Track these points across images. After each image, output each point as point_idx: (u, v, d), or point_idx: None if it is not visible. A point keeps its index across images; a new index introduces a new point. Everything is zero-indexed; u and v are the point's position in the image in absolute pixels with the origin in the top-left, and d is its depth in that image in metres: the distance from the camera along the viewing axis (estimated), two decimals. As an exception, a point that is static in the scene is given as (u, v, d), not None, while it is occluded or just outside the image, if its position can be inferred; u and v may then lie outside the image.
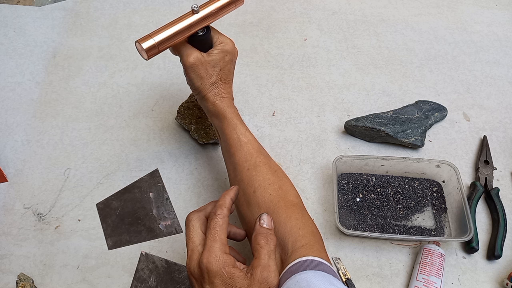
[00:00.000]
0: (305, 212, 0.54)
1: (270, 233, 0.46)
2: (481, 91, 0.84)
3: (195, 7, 0.55)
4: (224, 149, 0.60)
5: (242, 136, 0.57)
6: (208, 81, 0.58)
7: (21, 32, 0.90)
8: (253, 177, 0.54)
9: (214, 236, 0.44)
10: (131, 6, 0.95)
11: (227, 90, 0.61)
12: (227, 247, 0.44)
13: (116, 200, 0.69)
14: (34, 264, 0.63)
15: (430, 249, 0.61)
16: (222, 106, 0.59)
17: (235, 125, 0.58)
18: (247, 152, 0.56)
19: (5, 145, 0.74)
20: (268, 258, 0.43)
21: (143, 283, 0.61)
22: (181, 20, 0.56)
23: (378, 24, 0.94)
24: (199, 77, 0.58)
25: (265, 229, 0.46)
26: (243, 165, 0.56)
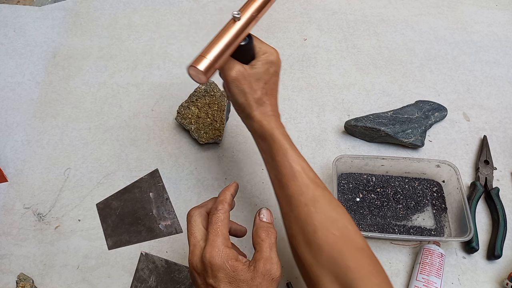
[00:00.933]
0: (374, 256, 0.47)
1: (271, 226, 0.46)
2: (481, 91, 0.84)
3: (236, 14, 0.50)
4: (273, 177, 0.53)
5: (295, 164, 0.51)
6: (252, 97, 0.52)
7: (21, 32, 0.90)
8: (313, 214, 0.47)
9: (216, 231, 0.44)
10: (131, 6, 0.95)
11: (273, 107, 0.55)
12: (229, 242, 0.44)
13: (116, 200, 0.69)
14: (34, 264, 0.63)
15: (430, 249, 0.61)
16: (270, 126, 0.52)
17: (285, 151, 0.51)
18: (303, 184, 0.49)
19: (5, 145, 0.74)
20: (270, 250, 0.44)
21: (143, 283, 0.61)
22: (226, 31, 0.50)
23: (378, 24, 0.94)
24: (242, 93, 0.52)
25: (265, 223, 0.46)
26: (299, 199, 0.49)
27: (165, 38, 0.90)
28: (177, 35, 0.90)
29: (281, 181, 0.51)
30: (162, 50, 0.88)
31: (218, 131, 0.73)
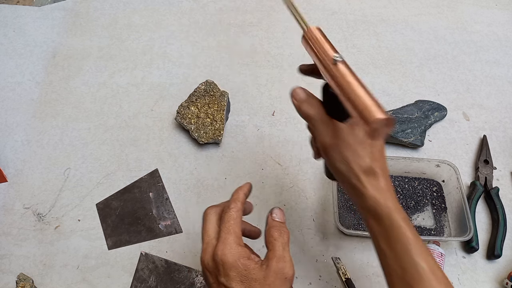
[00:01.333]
0: None
1: (283, 226, 0.45)
2: (481, 91, 0.84)
3: (338, 57, 0.41)
4: (389, 269, 0.44)
5: (421, 261, 0.41)
6: (359, 165, 0.43)
7: (21, 32, 0.90)
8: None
9: (228, 229, 0.43)
10: (131, 6, 0.95)
11: (386, 178, 0.44)
12: (241, 240, 0.43)
13: (116, 200, 0.69)
14: (34, 264, 0.63)
15: (430, 249, 0.61)
16: (387, 206, 0.43)
17: (408, 241, 0.42)
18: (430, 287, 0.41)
19: (5, 145, 0.74)
20: (283, 249, 0.42)
21: (143, 283, 0.61)
22: (349, 77, 0.40)
23: (378, 24, 0.94)
24: (345, 160, 0.43)
25: (278, 222, 0.45)
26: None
27: (165, 38, 0.90)
28: (177, 35, 0.90)
29: (401, 277, 0.42)
30: (162, 50, 0.88)
31: (218, 131, 0.73)
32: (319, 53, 0.44)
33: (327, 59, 0.42)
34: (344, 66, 0.40)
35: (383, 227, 0.43)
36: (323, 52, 0.43)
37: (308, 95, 0.48)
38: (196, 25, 0.92)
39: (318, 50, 0.44)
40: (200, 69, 0.85)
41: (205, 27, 0.92)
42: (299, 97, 0.49)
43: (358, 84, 0.39)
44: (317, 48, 0.45)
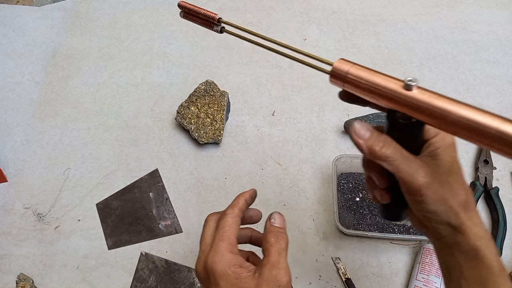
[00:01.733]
0: None
1: (281, 231, 0.44)
2: (480, 91, 0.84)
3: (412, 81, 0.33)
4: None
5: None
6: (456, 201, 0.37)
7: (20, 32, 0.90)
8: None
9: (222, 236, 0.41)
10: (131, 6, 0.95)
11: (476, 210, 0.38)
12: (235, 248, 0.42)
13: (116, 200, 0.69)
14: (34, 264, 0.63)
15: (430, 249, 0.61)
16: (488, 245, 0.36)
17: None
18: None
19: (5, 145, 0.74)
20: (278, 255, 0.41)
21: (143, 283, 0.61)
22: (438, 100, 0.32)
23: (378, 23, 0.94)
24: (441, 199, 0.36)
25: (276, 228, 0.44)
26: None
27: (165, 38, 0.90)
28: (177, 35, 0.90)
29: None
30: (162, 50, 0.88)
31: (218, 131, 0.73)
32: (374, 87, 0.36)
33: (392, 88, 0.34)
34: (421, 88, 0.33)
35: (482, 271, 0.36)
36: (380, 85, 0.35)
37: (374, 131, 0.37)
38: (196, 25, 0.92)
39: (371, 85, 0.36)
40: (200, 69, 0.85)
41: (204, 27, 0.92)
42: (366, 136, 0.37)
43: (457, 104, 0.31)
44: (368, 83, 0.36)
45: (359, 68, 0.38)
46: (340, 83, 0.39)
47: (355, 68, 0.39)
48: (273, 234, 0.43)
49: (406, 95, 0.33)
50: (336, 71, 0.39)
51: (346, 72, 0.39)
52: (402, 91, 0.33)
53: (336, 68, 0.39)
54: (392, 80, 0.35)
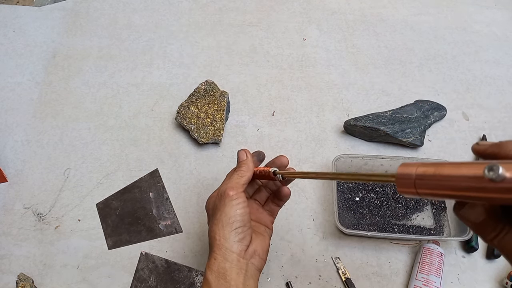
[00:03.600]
0: None
1: (241, 162, 0.51)
2: (480, 91, 0.84)
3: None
4: None
5: None
6: None
7: (20, 32, 0.90)
8: None
9: (240, 172, 0.50)
10: (131, 6, 0.95)
11: None
12: (245, 185, 0.49)
13: (116, 200, 0.69)
14: (34, 264, 0.63)
15: (430, 248, 0.61)
16: None
17: None
18: None
19: (5, 145, 0.74)
20: (234, 176, 0.49)
21: (143, 283, 0.61)
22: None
23: (378, 24, 0.94)
24: None
25: (239, 161, 0.52)
26: None
27: (165, 38, 0.90)
28: (177, 35, 0.90)
29: None
30: (162, 50, 0.88)
31: (218, 131, 0.73)
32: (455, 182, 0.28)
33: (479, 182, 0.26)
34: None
35: None
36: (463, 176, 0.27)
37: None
38: (196, 25, 0.92)
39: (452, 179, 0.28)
40: (200, 69, 0.85)
41: (205, 27, 0.92)
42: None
43: None
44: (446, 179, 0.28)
45: (426, 165, 0.30)
46: (412, 191, 0.31)
47: (422, 167, 0.30)
48: (237, 165, 0.52)
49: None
50: (401, 178, 0.32)
51: (414, 175, 0.31)
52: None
53: (401, 174, 0.32)
54: (473, 166, 0.27)
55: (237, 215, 0.46)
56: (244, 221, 0.46)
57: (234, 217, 0.46)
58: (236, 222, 0.46)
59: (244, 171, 0.50)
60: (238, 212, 0.46)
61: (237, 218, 0.46)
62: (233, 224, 0.46)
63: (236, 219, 0.46)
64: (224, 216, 0.46)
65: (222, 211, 0.46)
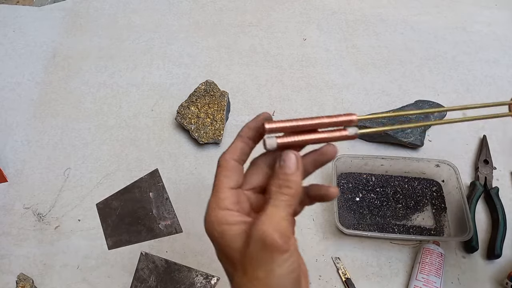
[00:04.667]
0: None
1: (288, 178, 0.33)
2: (480, 91, 0.84)
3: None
4: None
5: None
6: None
7: (20, 32, 0.90)
8: None
9: (213, 189, 0.34)
10: (131, 6, 0.95)
11: None
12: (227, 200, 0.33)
13: (116, 200, 0.69)
14: (34, 264, 0.63)
15: (430, 249, 0.61)
16: None
17: None
18: None
19: (5, 145, 0.74)
20: (275, 209, 0.31)
21: (143, 283, 0.61)
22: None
23: (378, 24, 0.94)
24: None
25: (282, 172, 0.33)
26: None
27: (165, 38, 0.90)
28: (177, 35, 0.90)
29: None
30: (162, 50, 0.88)
31: (218, 131, 0.73)
32: None
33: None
34: None
35: None
36: None
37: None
38: (196, 25, 0.92)
39: None
40: (200, 69, 0.85)
41: (205, 27, 0.92)
42: None
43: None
44: None
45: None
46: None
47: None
48: (276, 181, 0.33)
49: None
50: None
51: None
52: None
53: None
54: None
55: (291, 279, 0.31)
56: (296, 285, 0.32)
57: (288, 281, 0.31)
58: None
59: (291, 197, 0.33)
60: (292, 276, 0.31)
61: (291, 284, 0.31)
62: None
63: (290, 285, 0.31)
64: (275, 280, 0.30)
65: (270, 271, 0.30)
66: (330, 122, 0.34)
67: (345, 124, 0.34)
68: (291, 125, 0.34)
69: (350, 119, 0.34)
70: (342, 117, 0.34)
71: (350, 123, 0.34)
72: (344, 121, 0.34)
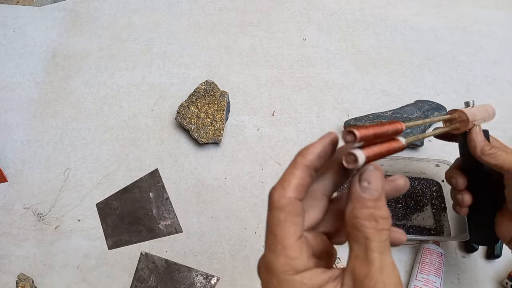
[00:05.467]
0: None
1: (379, 205, 0.25)
2: (480, 91, 0.84)
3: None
4: None
5: None
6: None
7: (20, 32, 0.90)
8: None
9: (273, 245, 0.25)
10: (131, 6, 0.95)
11: None
12: (301, 259, 0.25)
13: (116, 200, 0.69)
14: (34, 264, 0.63)
15: (430, 248, 0.61)
16: None
17: None
18: None
19: (5, 145, 0.74)
20: (380, 255, 0.24)
21: (143, 283, 0.61)
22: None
23: (378, 24, 0.94)
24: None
25: (369, 200, 0.25)
26: None
27: (165, 38, 0.90)
28: (177, 35, 0.90)
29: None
30: (162, 50, 0.88)
31: (218, 131, 0.73)
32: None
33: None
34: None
35: None
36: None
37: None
38: (196, 25, 0.92)
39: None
40: (200, 69, 0.85)
41: (205, 27, 0.92)
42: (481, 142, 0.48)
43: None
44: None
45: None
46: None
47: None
48: (365, 210, 0.25)
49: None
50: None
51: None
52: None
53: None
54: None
55: None
56: None
57: None
58: None
59: (388, 231, 0.26)
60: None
61: None
62: None
63: None
64: None
65: None
66: (393, 130, 0.30)
67: (398, 132, 0.30)
68: (375, 132, 0.27)
69: (401, 128, 0.31)
70: (396, 124, 0.31)
71: (399, 132, 0.31)
72: (397, 129, 0.31)
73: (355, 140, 0.25)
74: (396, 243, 0.30)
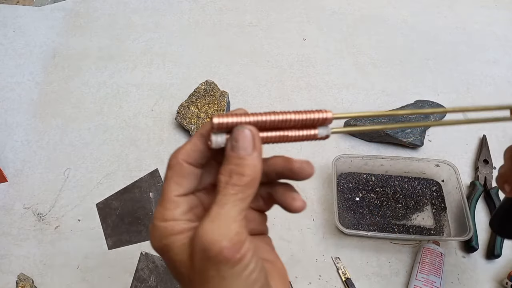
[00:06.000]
0: None
1: (243, 163, 0.26)
2: (480, 91, 0.84)
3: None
4: None
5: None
6: None
7: (20, 32, 0.90)
8: None
9: (161, 195, 0.28)
10: (131, 6, 0.95)
11: None
12: (175, 211, 0.27)
13: (116, 200, 0.69)
14: (34, 264, 0.63)
15: (430, 249, 0.61)
16: None
17: None
18: None
19: (5, 145, 0.74)
20: (223, 205, 0.25)
21: (143, 283, 0.61)
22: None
23: (378, 24, 0.94)
24: None
25: (234, 158, 0.26)
26: None
27: (165, 38, 0.90)
28: (177, 35, 0.90)
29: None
30: (162, 50, 0.88)
31: (218, 131, 0.73)
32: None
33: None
34: None
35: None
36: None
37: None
38: (196, 25, 0.92)
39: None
40: (200, 69, 0.85)
41: (205, 27, 0.92)
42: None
43: None
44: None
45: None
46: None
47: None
48: (226, 167, 0.26)
49: None
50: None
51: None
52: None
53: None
54: None
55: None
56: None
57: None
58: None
59: (244, 188, 0.26)
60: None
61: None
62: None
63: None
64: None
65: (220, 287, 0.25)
66: (298, 119, 0.28)
67: (320, 122, 0.29)
68: (246, 120, 0.27)
69: (325, 117, 0.29)
70: (315, 113, 0.29)
71: (325, 121, 0.29)
72: (318, 118, 0.29)
73: (213, 128, 0.27)
74: (303, 172, 0.31)
